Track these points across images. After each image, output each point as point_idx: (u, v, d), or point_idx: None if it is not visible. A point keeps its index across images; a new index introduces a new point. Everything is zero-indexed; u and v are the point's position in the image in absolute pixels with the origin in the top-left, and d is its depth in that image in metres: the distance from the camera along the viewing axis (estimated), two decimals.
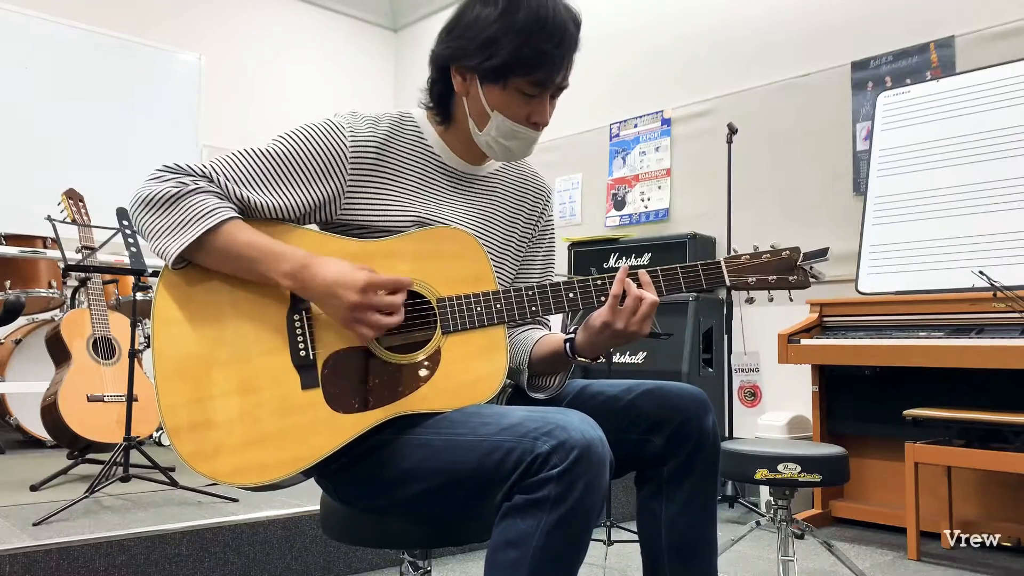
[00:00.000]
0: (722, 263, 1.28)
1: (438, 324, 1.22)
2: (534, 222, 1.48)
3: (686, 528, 1.26)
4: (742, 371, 2.48)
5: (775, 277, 1.29)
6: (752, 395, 2.52)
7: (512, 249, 1.43)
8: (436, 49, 1.30)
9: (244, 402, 1.15)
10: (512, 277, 1.45)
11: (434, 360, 1.21)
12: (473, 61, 1.24)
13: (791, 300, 1.37)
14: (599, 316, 1.24)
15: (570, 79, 1.29)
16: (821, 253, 1.29)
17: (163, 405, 1.13)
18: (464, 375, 1.21)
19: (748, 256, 1.29)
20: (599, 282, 1.26)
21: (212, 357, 1.16)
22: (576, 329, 1.31)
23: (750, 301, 1.34)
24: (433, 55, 1.31)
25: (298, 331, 1.19)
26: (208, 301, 1.19)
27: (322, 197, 1.25)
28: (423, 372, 1.20)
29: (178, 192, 1.16)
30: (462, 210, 1.35)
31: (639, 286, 1.23)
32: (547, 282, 1.28)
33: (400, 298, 1.16)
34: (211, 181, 1.19)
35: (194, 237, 1.14)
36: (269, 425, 1.14)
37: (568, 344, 1.31)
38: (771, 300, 1.33)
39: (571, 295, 1.26)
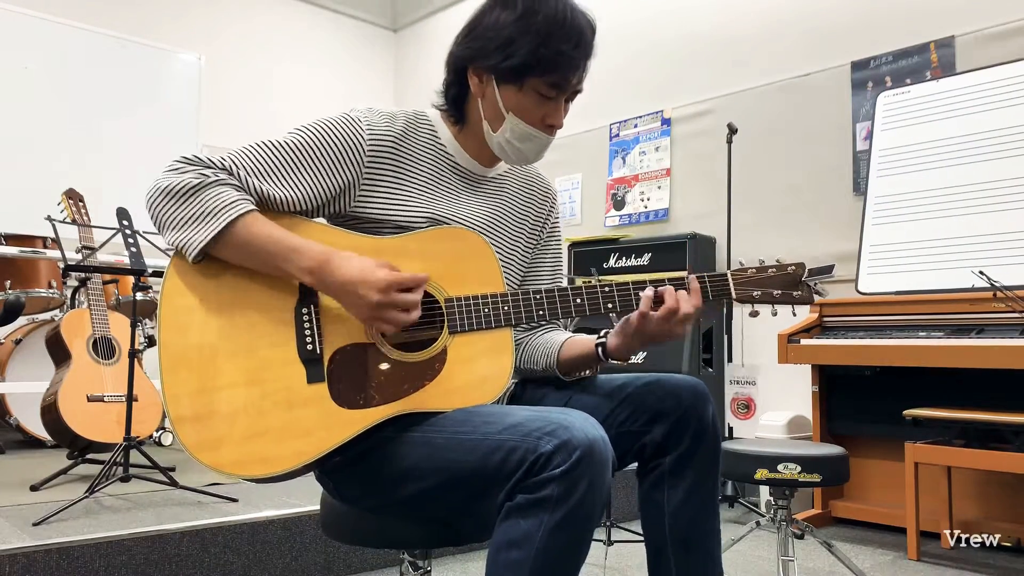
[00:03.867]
0: (728, 276, 1.29)
1: (445, 324, 1.23)
2: (541, 223, 1.49)
3: (689, 518, 1.27)
4: (737, 383, 2.45)
5: (780, 292, 1.29)
6: (746, 407, 2.48)
7: (520, 250, 1.44)
8: (453, 51, 1.32)
9: (249, 394, 1.15)
10: (519, 278, 1.46)
11: (440, 359, 1.21)
12: (491, 61, 1.25)
13: (795, 315, 1.37)
14: (632, 324, 1.26)
15: (584, 84, 1.29)
16: (827, 270, 1.30)
17: (167, 394, 1.13)
18: (469, 375, 1.21)
19: (754, 270, 1.30)
20: (607, 288, 1.26)
21: (218, 348, 1.16)
22: (607, 332, 1.33)
23: (754, 315, 1.33)
24: (450, 57, 1.32)
25: (306, 325, 1.19)
26: (216, 292, 1.19)
27: (338, 187, 1.25)
28: (428, 371, 1.20)
29: (200, 183, 1.16)
30: (473, 210, 1.36)
31: (688, 292, 1.25)
32: (555, 286, 1.28)
33: (418, 295, 1.17)
34: (230, 173, 1.19)
35: (217, 230, 1.14)
36: (273, 418, 1.14)
37: (600, 348, 1.33)
38: (775, 315, 1.33)
39: (579, 300, 1.27)
